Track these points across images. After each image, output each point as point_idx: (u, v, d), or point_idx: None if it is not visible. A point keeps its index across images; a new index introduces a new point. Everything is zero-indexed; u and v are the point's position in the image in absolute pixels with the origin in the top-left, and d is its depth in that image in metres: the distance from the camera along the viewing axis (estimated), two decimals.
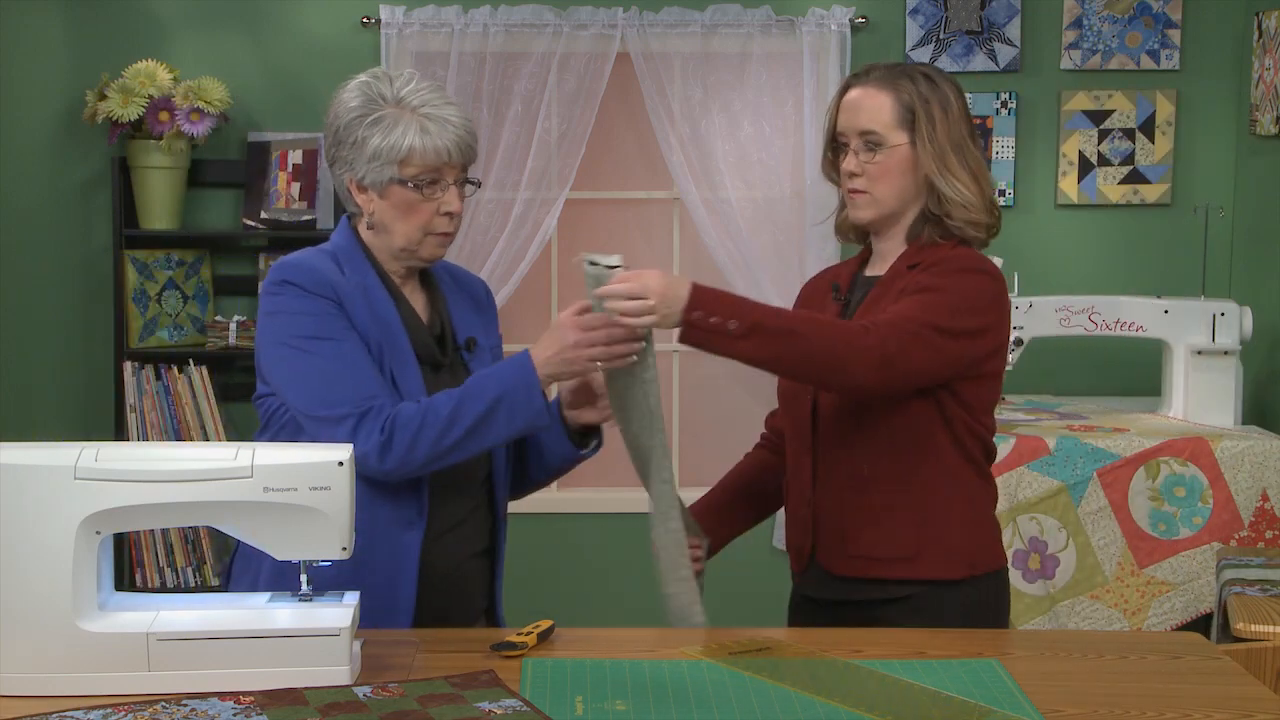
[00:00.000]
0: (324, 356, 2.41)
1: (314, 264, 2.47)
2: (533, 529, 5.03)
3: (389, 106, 2.46)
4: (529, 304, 5.03)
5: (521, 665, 2.22)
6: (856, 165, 2.56)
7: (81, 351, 4.87)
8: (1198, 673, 2.24)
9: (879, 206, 2.56)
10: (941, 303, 2.45)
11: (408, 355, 2.47)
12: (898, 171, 2.54)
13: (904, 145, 2.53)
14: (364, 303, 2.46)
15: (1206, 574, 4.01)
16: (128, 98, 4.57)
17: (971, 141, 2.56)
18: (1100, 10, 4.80)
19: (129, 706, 2.03)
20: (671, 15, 4.76)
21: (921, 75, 2.56)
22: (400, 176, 2.45)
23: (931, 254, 2.54)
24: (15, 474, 2.09)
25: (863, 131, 2.54)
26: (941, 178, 2.52)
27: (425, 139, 2.44)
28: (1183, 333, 4.33)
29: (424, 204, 2.47)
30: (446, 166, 2.46)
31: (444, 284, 2.62)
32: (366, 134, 2.45)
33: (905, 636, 2.39)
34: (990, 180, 2.59)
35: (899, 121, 2.53)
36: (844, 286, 2.65)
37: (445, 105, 2.47)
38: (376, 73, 2.53)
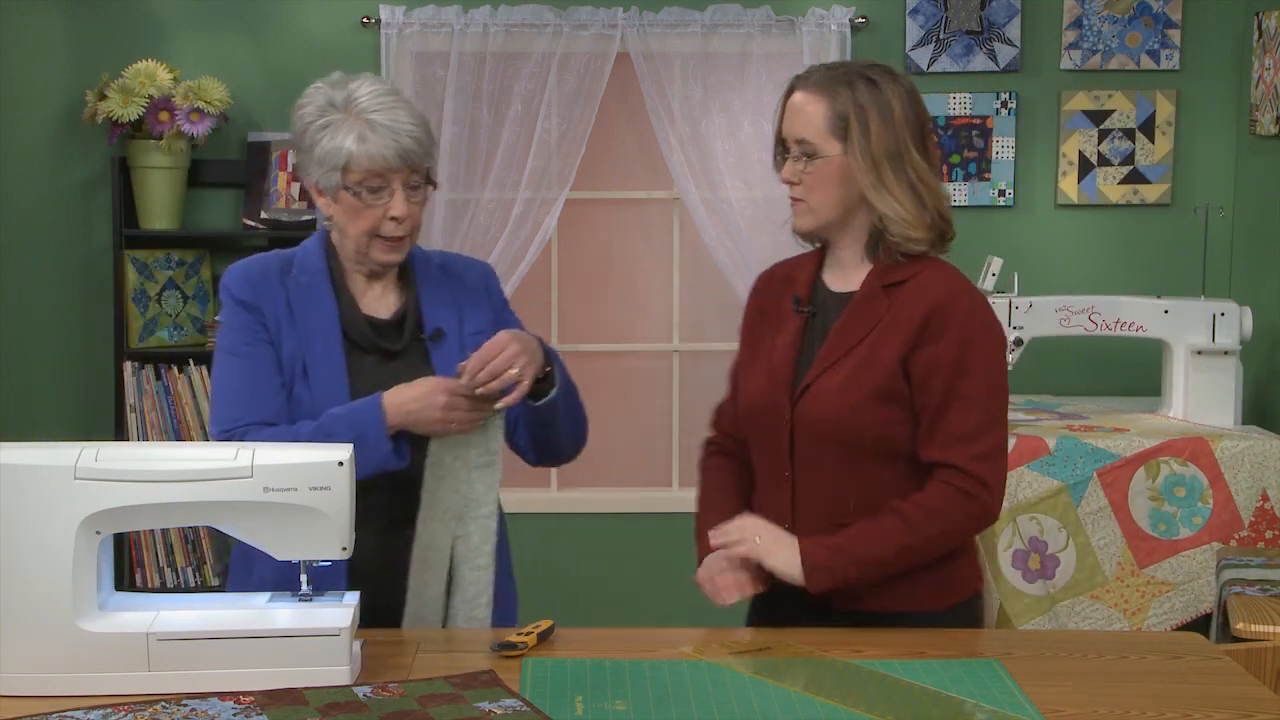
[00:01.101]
0: (229, 372, 2.53)
1: (249, 270, 2.57)
2: (533, 529, 5.03)
3: (338, 112, 2.49)
4: (529, 304, 5.03)
5: (521, 665, 2.22)
6: (792, 173, 2.50)
7: (81, 351, 4.87)
8: (1198, 673, 2.24)
9: (816, 216, 2.50)
10: (993, 412, 2.45)
11: (334, 354, 2.52)
12: (832, 182, 2.47)
13: (837, 156, 2.45)
14: (302, 300, 2.54)
15: (1206, 574, 4.01)
16: (128, 98, 4.57)
17: (917, 148, 2.46)
18: (1100, 10, 4.80)
19: (129, 706, 2.03)
20: (671, 15, 4.76)
21: (864, 80, 2.45)
22: (344, 182, 2.49)
23: (922, 292, 2.46)
24: (15, 474, 2.09)
25: (798, 139, 2.48)
26: (874, 191, 2.44)
27: (363, 146, 2.46)
28: (1183, 333, 4.32)
29: (368, 209, 2.50)
30: (390, 172, 2.48)
31: (425, 275, 2.64)
32: (315, 139, 2.50)
33: (905, 636, 2.39)
34: (936, 188, 2.48)
35: (832, 130, 2.44)
36: (805, 297, 2.56)
37: (393, 110, 2.48)
38: (336, 78, 2.55)
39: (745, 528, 2.47)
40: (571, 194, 4.85)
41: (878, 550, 2.41)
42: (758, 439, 2.58)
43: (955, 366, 2.43)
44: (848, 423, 2.45)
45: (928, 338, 2.44)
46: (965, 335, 2.44)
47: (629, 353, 5.12)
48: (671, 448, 5.10)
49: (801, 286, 2.58)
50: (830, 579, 2.40)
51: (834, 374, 2.47)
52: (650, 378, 5.12)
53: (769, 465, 2.56)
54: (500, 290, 2.74)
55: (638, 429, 5.12)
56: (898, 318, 2.46)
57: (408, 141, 2.47)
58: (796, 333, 2.54)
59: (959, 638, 2.40)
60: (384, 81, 2.56)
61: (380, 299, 2.61)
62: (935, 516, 2.42)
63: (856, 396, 2.44)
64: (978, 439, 2.43)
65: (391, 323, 2.59)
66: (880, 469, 2.47)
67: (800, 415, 2.49)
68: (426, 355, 2.58)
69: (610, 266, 5.10)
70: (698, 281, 5.06)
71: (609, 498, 5.07)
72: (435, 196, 4.75)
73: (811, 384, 2.49)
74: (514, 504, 5.06)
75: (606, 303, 5.10)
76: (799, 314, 2.56)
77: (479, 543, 2.55)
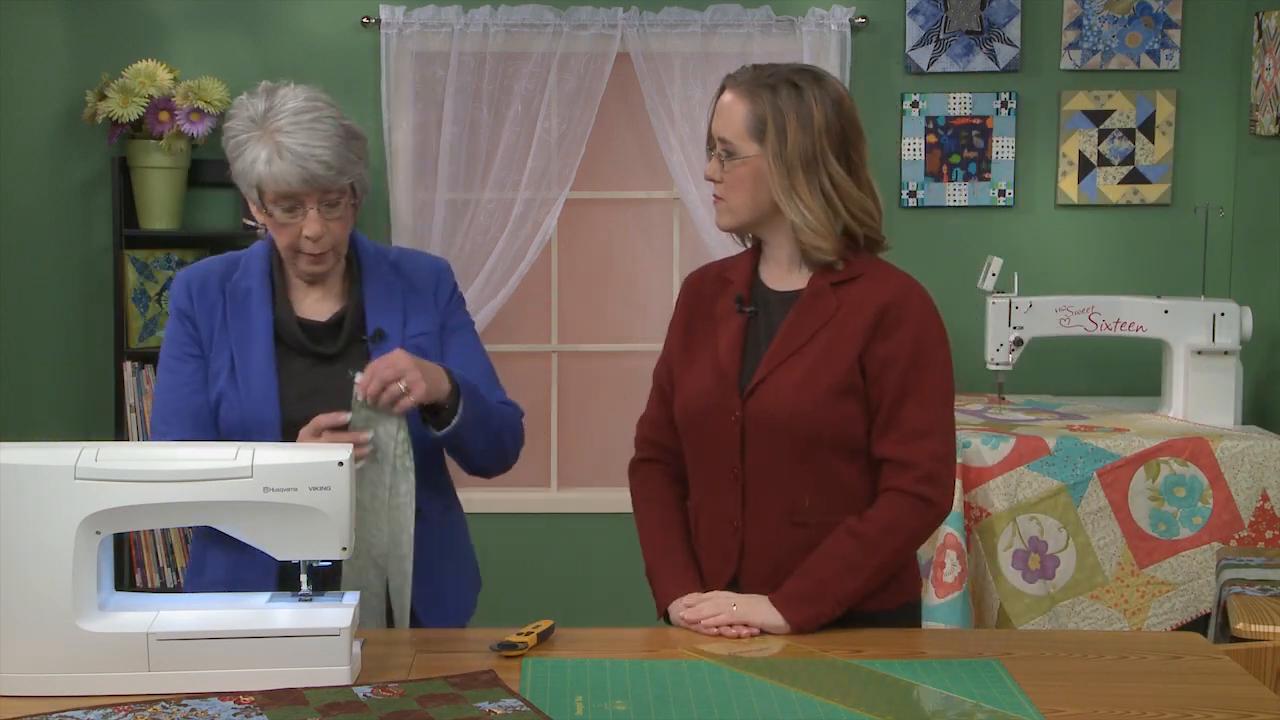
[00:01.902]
0: (159, 384, 2.62)
1: (191, 279, 2.62)
2: (533, 529, 5.04)
3: (256, 128, 2.49)
4: (529, 304, 5.03)
5: (521, 665, 2.22)
6: (713, 171, 2.50)
7: (81, 351, 4.87)
8: (1198, 673, 2.24)
9: (735, 215, 2.51)
10: (943, 409, 2.48)
11: (264, 359, 2.55)
12: (749, 182, 2.47)
13: (754, 157, 2.45)
14: (238, 307, 2.58)
15: (1206, 574, 4.00)
16: (128, 98, 4.57)
17: (838, 156, 2.45)
18: (1100, 10, 4.80)
19: (129, 706, 2.03)
20: (671, 15, 4.76)
21: (788, 84, 2.44)
22: (260, 200, 2.51)
23: (873, 288, 2.47)
24: (15, 474, 2.09)
25: (721, 138, 2.49)
26: (785, 196, 2.45)
27: (269, 169, 2.47)
28: (1183, 333, 4.32)
29: (285, 227, 2.51)
30: (300, 193, 2.47)
31: (373, 275, 2.64)
32: (233, 156, 2.54)
33: (905, 636, 2.40)
34: (857, 197, 2.47)
35: (751, 132, 2.45)
36: (746, 297, 2.55)
37: (305, 130, 2.46)
38: (263, 88, 2.55)
39: (716, 600, 2.46)
40: (571, 194, 4.85)
41: (851, 584, 2.43)
42: (701, 440, 2.56)
43: (911, 361, 2.45)
44: (804, 418, 2.44)
45: (883, 333, 2.45)
46: (920, 331, 2.47)
47: (629, 353, 5.12)
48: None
49: (740, 286, 2.57)
50: (815, 623, 2.42)
51: (788, 370, 2.46)
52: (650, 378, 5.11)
53: (714, 466, 2.53)
54: (453, 289, 2.73)
55: None
56: (850, 314, 2.47)
57: (315, 167, 2.45)
58: (738, 331, 2.53)
59: (959, 638, 2.40)
60: (312, 94, 2.53)
61: (321, 301, 2.62)
62: (895, 531, 2.45)
63: (815, 392, 2.44)
64: (934, 434, 2.45)
65: (328, 325, 2.60)
66: (836, 464, 2.47)
67: (751, 412, 2.48)
68: (368, 356, 2.57)
69: (610, 266, 5.10)
70: None
71: (609, 498, 5.07)
72: (435, 197, 4.78)
73: (763, 380, 2.48)
74: (514, 504, 5.09)
75: (606, 303, 5.10)
76: (741, 313, 2.55)
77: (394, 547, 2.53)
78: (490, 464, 2.67)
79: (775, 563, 2.48)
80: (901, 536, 2.45)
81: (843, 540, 2.44)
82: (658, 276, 5.08)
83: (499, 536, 4.88)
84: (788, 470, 2.47)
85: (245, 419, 2.52)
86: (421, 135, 4.77)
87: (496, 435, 2.63)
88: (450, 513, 2.73)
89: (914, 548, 2.51)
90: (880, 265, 2.53)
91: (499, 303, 4.81)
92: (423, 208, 4.79)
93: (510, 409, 2.68)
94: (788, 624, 2.41)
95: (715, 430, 2.52)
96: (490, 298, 4.80)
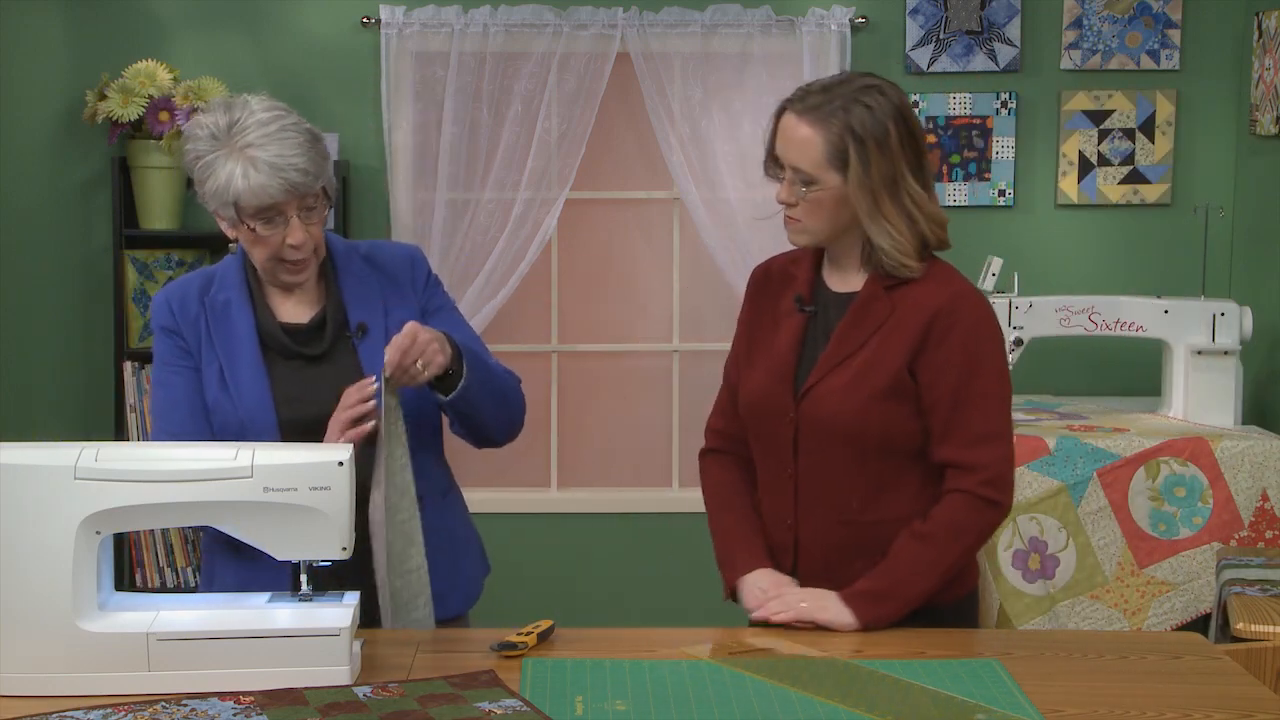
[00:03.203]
0: (153, 397, 2.64)
1: (169, 296, 2.63)
2: (533, 529, 5.04)
3: (222, 146, 2.47)
4: (529, 304, 5.03)
5: (521, 665, 2.22)
6: (789, 195, 2.49)
7: (81, 351, 4.87)
8: (1198, 673, 2.24)
9: (813, 236, 2.51)
10: (1003, 412, 2.50)
11: (253, 366, 2.55)
12: (830, 207, 2.47)
13: (836, 186, 2.44)
14: (220, 318, 2.59)
15: (1206, 574, 4.01)
16: (128, 98, 4.57)
17: (913, 172, 2.46)
18: (1100, 10, 4.80)
19: (129, 706, 2.03)
20: (671, 15, 4.76)
21: (861, 105, 2.42)
22: (239, 217, 2.49)
23: (926, 294, 2.47)
24: (15, 474, 2.09)
25: (794, 167, 2.47)
26: (871, 221, 2.45)
27: (247, 183, 2.45)
28: (1183, 333, 4.32)
29: (265, 239, 2.51)
30: (280, 204, 2.47)
31: (347, 271, 2.64)
32: (204, 175, 2.50)
33: (905, 637, 2.40)
34: (931, 210, 2.48)
35: (829, 161, 2.43)
36: (807, 296, 2.57)
37: (275, 141, 2.46)
38: (219, 102, 2.53)
39: (785, 598, 2.48)
40: (571, 194, 4.85)
41: (922, 584, 2.46)
42: (760, 437, 2.59)
43: (964, 367, 2.46)
44: (853, 421, 2.47)
45: (933, 340, 2.46)
46: (972, 335, 2.47)
47: (629, 353, 5.12)
48: (671, 448, 5.10)
49: (803, 285, 2.58)
50: (883, 621, 2.44)
51: (838, 375, 2.49)
52: (650, 378, 5.12)
53: (772, 463, 2.58)
54: (427, 272, 2.72)
55: (638, 429, 5.12)
56: (902, 320, 2.48)
57: (293, 175, 2.45)
58: (797, 331, 2.55)
59: (959, 638, 2.40)
60: (270, 104, 2.53)
61: (300, 304, 2.62)
62: (962, 532, 2.47)
63: (862, 396, 2.46)
64: (996, 438, 2.48)
65: (311, 327, 2.61)
66: (885, 468, 2.50)
67: (804, 414, 2.50)
68: (354, 352, 2.59)
69: (610, 266, 5.10)
70: (698, 281, 5.06)
71: (609, 498, 5.07)
72: (435, 197, 4.78)
73: (816, 384, 2.50)
74: (514, 504, 5.09)
75: (606, 303, 5.10)
76: (801, 313, 2.56)
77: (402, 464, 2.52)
78: (500, 429, 2.66)
79: (827, 560, 2.52)
80: (969, 538, 2.48)
81: (913, 543, 2.46)
82: (658, 276, 5.08)
83: (499, 536, 4.85)
84: (839, 472, 2.50)
85: (243, 425, 2.53)
86: (421, 135, 4.77)
87: (502, 396, 2.63)
88: (450, 495, 2.73)
89: (979, 547, 2.54)
90: (938, 269, 2.53)
91: (499, 303, 4.81)
92: (423, 208, 4.79)
93: (510, 376, 2.69)
94: (857, 621, 2.43)
95: (772, 430, 2.55)
96: (490, 298, 4.80)
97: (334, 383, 2.51)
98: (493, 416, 2.62)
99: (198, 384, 2.58)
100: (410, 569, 2.50)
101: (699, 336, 5.08)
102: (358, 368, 2.58)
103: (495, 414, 2.63)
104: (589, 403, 5.14)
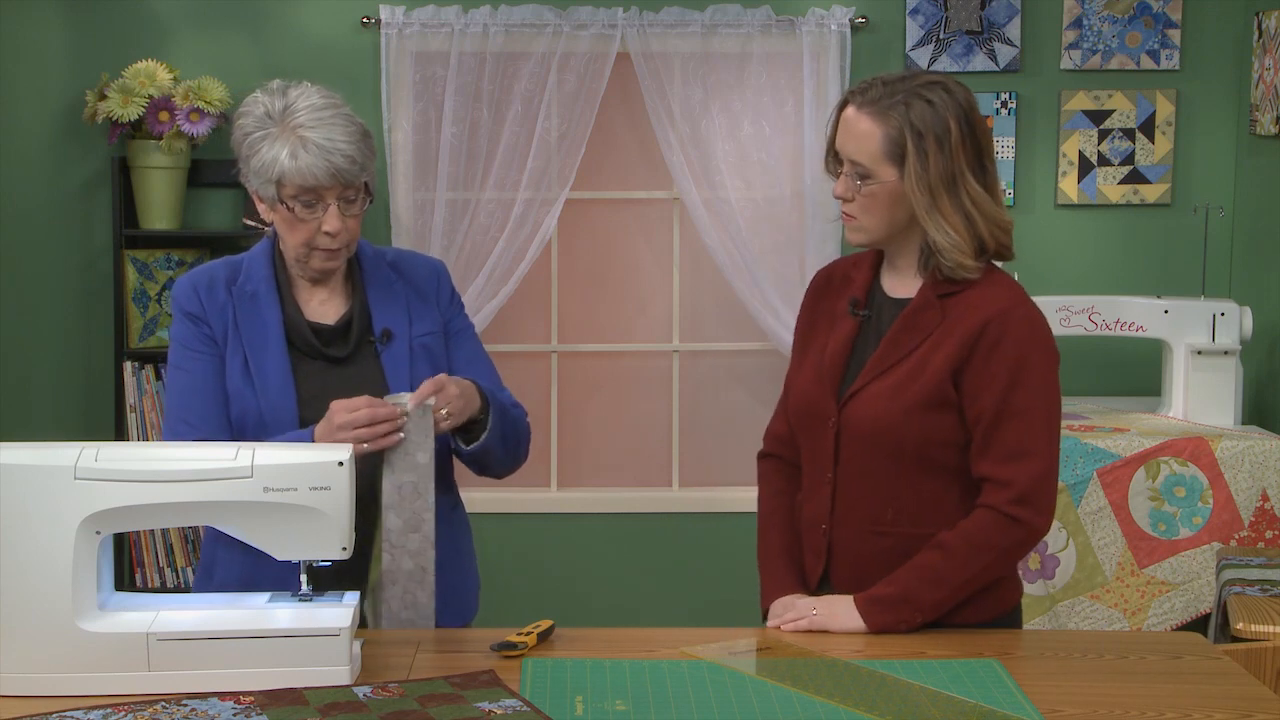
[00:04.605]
0: (172, 387, 2.59)
1: (196, 281, 2.60)
2: (533, 529, 5.04)
3: (274, 124, 2.49)
4: (529, 304, 5.03)
5: (521, 665, 2.23)
6: (845, 190, 2.46)
7: (81, 351, 4.87)
8: (1198, 673, 2.24)
9: (869, 234, 2.47)
10: (1045, 429, 2.44)
11: (279, 362, 2.55)
12: (886, 204, 2.43)
13: (892, 181, 2.41)
14: (248, 310, 2.57)
15: (1206, 574, 4.01)
16: (128, 98, 4.57)
17: (974, 172, 2.42)
18: (1100, 10, 4.80)
19: (129, 706, 2.03)
20: (671, 15, 4.76)
21: (922, 100, 2.39)
22: (279, 196, 2.50)
23: (977, 304, 2.44)
24: (15, 474, 2.09)
25: (852, 160, 2.43)
26: (928, 218, 2.41)
27: (294, 163, 2.46)
28: (1183, 333, 4.33)
29: (303, 223, 2.51)
30: (323, 188, 2.48)
31: (374, 276, 2.65)
32: (250, 152, 2.51)
33: (905, 637, 2.40)
34: (993, 212, 2.44)
35: (887, 155, 2.40)
36: (862, 300, 2.53)
37: (329, 125, 2.47)
38: (275, 86, 2.55)
39: (799, 606, 2.47)
40: (571, 194, 4.85)
41: (934, 594, 2.42)
42: (805, 439, 2.57)
43: (1010, 381, 2.41)
44: (893, 429, 2.43)
45: (981, 350, 2.42)
46: (1020, 350, 2.42)
47: (629, 353, 5.12)
48: (671, 448, 5.10)
49: (859, 288, 2.55)
50: (894, 629, 2.42)
51: (883, 381, 2.46)
52: (650, 378, 5.12)
53: (813, 467, 2.55)
54: (451, 289, 2.73)
55: (638, 429, 5.12)
56: (951, 329, 2.44)
57: (340, 160, 2.46)
58: (849, 335, 2.52)
59: (959, 638, 2.40)
60: (326, 92, 2.55)
61: (326, 304, 2.62)
62: (981, 548, 2.42)
63: (902, 404, 2.43)
64: (1033, 455, 2.42)
65: (337, 329, 2.61)
66: (923, 480, 2.46)
67: (847, 419, 2.48)
68: (377, 357, 2.60)
69: (610, 266, 5.10)
70: (698, 281, 5.06)
71: (609, 498, 5.07)
72: (435, 196, 4.78)
73: (860, 389, 2.47)
74: (514, 504, 5.09)
75: (606, 303, 5.10)
76: (854, 316, 2.53)
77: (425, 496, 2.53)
78: (504, 469, 2.69)
79: (859, 569, 2.49)
80: (989, 554, 2.42)
81: (931, 552, 2.43)
82: (658, 276, 5.08)
83: (499, 536, 4.89)
84: (875, 480, 2.47)
85: (264, 418, 2.53)
86: (421, 135, 4.77)
87: (516, 442, 2.66)
88: (458, 510, 2.73)
89: (1005, 565, 2.48)
90: (993, 277, 2.49)
91: (499, 303, 4.81)
92: (423, 207, 4.79)
93: (520, 412, 2.70)
94: (867, 626, 2.41)
95: (815, 433, 2.53)
96: (490, 298, 4.80)
97: (355, 387, 2.51)
98: (501, 461, 2.65)
99: (219, 371, 2.56)
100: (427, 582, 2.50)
101: (699, 336, 5.08)
102: (380, 374, 2.58)
103: (504, 459, 2.65)
104: (589, 403, 5.14)
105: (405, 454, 2.45)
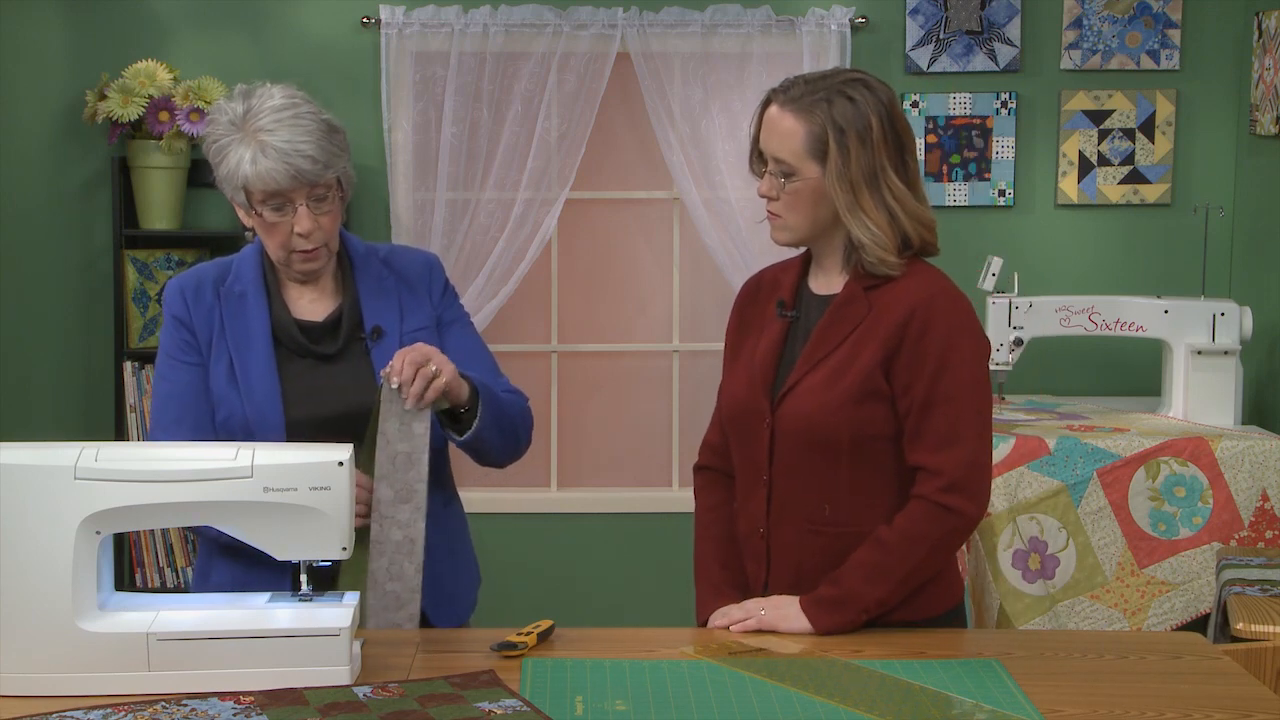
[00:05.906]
0: (156, 393, 2.61)
1: (184, 285, 2.61)
2: (533, 529, 5.04)
3: (237, 130, 2.48)
4: (529, 304, 5.03)
5: (521, 665, 2.23)
6: (770, 189, 2.47)
7: (81, 351, 4.87)
8: (1198, 673, 2.24)
9: (794, 232, 2.48)
10: (975, 416, 2.43)
11: (265, 362, 2.55)
12: (810, 202, 2.44)
13: (815, 178, 2.42)
14: (235, 310, 2.57)
15: (1206, 574, 4.01)
16: (128, 98, 4.57)
17: (895, 168, 2.42)
18: (1100, 10, 4.80)
19: (129, 706, 2.03)
20: (671, 15, 4.76)
21: (844, 97, 2.41)
22: (249, 202, 2.50)
23: (903, 294, 2.44)
24: (15, 474, 2.09)
25: (775, 158, 2.45)
26: (850, 214, 2.42)
27: (255, 168, 2.46)
28: (1183, 333, 4.33)
29: (276, 226, 2.51)
30: (288, 191, 2.47)
31: (365, 272, 2.64)
32: (218, 159, 2.51)
33: (905, 637, 2.40)
34: (915, 208, 2.44)
35: (810, 152, 2.41)
36: (789, 301, 2.55)
37: (286, 126, 2.46)
38: (240, 90, 2.54)
39: (746, 606, 2.47)
40: (571, 194, 4.85)
41: (876, 592, 2.41)
42: (739, 443, 2.56)
43: (937, 367, 2.41)
44: (825, 424, 2.43)
45: (908, 339, 2.42)
46: (947, 336, 2.43)
47: (629, 353, 5.12)
48: (671, 448, 5.10)
49: (786, 290, 2.56)
50: (840, 629, 2.41)
51: (814, 376, 2.46)
52: (650, 378, 5.12)
53: (748, 470, 2.54)
54: (445, 283, 2.73)
55: (638, 429, 5.12)
56: (878, 320, 2.44)
57: (301, 162, 2.45)
58: (778, 336, 2.53)
59: (959, 638, 2.40)
60: (290, 91, 2.53)
61: (316, 302, 2.62)
62: (917, 540, 2.41)
63: (836, 396, 2.43)
64: (963, 441, 2.41)
65: (326, 325, 2.60)
66: (858, 475, 2.46)
67: (781, 416, 2.48)
68: (367, 354, 2.59)
69: (610, 266, 5.10)
70: (698, 281, 5.06)
71: (609, 498, 5.07)
72: (435, 196, 4.78)
73: (793, 386, 2.47)
74: (514, 504, 5.09)
75: (606, 303, 5.10)
76: (782, 317, 2.54)
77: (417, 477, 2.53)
78: (504, 458, 2.67)
79: (799, 569, 2.49)
80: (925, 546, 2.41)
81: (869, 548, 2.43)
82: (658, 276, 5.08)
83: (499, 536, 4.89)
84: (811, 477, 2.47)
85: (248, 422, 2.52)
86: (421, 135, 4.77)
87: (513, 429, 2.64)
88: (452, 506, 2.73)
89: (942, 556, 2.47)
90: (917, 269, 2.49)
91: (499, 303, 4.81)
92: (423, 207, 4.79)
93: (517, 396, 2.69)
94: (813, 628, 2.41)
95: (749, 435, 2.52)
96: (490, 298, 4.80)
97: (345, 384, 2.51)
98: (499, 449, 2.63)
99: (200, 380, 2.57)
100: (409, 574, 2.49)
101: (699, 336, 5.09)
102: (370, 371, 2.57)
103: (502, 447, 2.63)
104: (589, 403, 5.14)
105: (401, 424, 2.45)
